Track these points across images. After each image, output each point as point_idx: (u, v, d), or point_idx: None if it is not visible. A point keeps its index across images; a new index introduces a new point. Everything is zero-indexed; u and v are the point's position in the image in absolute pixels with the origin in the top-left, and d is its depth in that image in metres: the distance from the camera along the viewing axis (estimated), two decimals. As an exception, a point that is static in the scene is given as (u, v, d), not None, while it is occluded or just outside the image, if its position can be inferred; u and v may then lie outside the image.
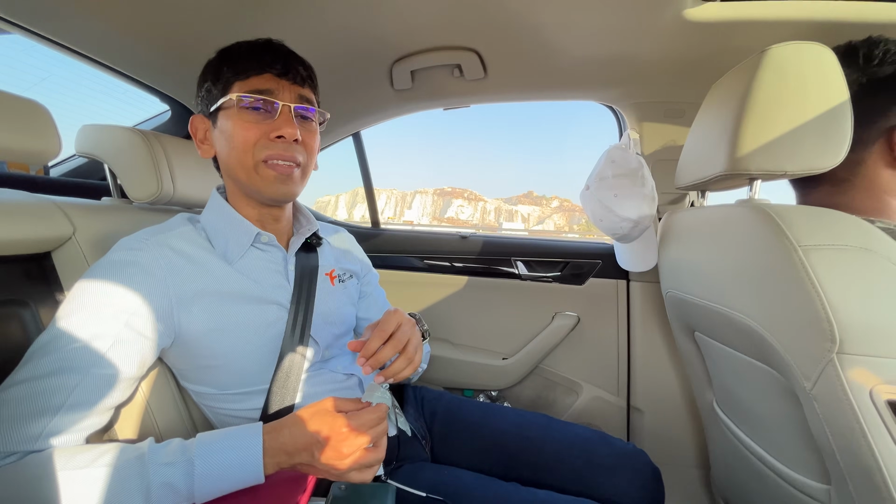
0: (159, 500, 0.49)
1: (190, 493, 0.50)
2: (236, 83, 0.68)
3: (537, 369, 1.47)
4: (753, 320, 0.65)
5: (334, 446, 0.53)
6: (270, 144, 0.68)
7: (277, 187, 0.71)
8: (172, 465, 0.50)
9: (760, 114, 0.66)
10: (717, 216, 0.77)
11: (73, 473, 0.47)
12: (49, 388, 0.51)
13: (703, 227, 0.82)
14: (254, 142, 0.68)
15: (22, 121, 0.65)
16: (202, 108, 0.73)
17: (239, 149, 0.68)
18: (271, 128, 0.68)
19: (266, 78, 0.69)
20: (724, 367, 0.86)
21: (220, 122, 0.70)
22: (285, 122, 0.68)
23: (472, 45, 1.04)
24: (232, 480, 0.52)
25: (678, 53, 0.99)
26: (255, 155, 0.68)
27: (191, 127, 0.75)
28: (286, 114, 0.69)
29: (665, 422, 1.33)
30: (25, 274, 0.70)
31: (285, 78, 0.70)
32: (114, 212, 0.81)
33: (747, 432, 0.85)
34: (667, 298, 1.04)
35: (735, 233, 0.70)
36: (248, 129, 0.67)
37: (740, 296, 0.68)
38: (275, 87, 0.69)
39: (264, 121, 0.68)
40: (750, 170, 0.67)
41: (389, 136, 29.38)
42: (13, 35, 0.87)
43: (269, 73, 0.69)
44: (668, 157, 1.24)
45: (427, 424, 0.96)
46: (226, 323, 0.68)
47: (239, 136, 0.68)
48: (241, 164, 0.69)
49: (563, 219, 52.23)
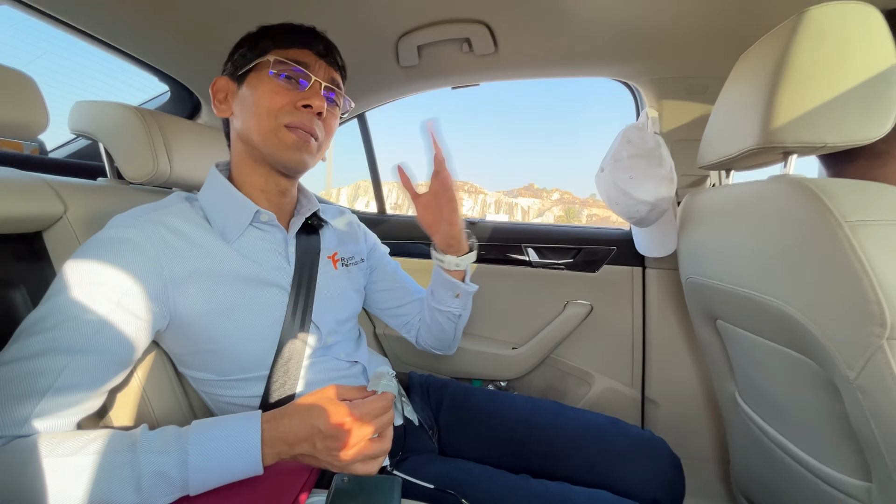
0: (151, 491, 0.46)
1: (184, 483, 0.47)
2: (275, 50, 0.69)
3: (548, 359, 1.43)
4: (789, 305, 0.60)
5: (337, 436, 0.50)
6: (295, 112, 0.68)
7: (293, 153, 0.69)
8: (166, 454, 0.47)
9: (798, 81, 0.60)
10: (746, 194, 0.72)
11: (59, 461, 0.44)
12: (36, 369, 0.48)
13: (731, 207, 0.77)
14: (279, 107, 0.67)
15: (5, 91, 0.61)
16: (229, 70, 0.72)
17: (262, 113, 0.68)
18: (299, 97, 0.68)
19: (306, 53, 0.70)
20: (750, 356, 0.81)
21: (248, 82, 0.70)
22: (315, 95, 0.69)
23: (481, 18, 0.98)
24: (228, 471, 0.49)
25: (704, 22, 0.93)
26: (278, 119, 0.68)
27: (212, 87, 0.73)
28: (316, 88, 0.70)
29: (681, 414, 1.28)
30: (15, 254, 0.68)
31: (324, 59, 0.72)
32: (108, 191, 0.78)
33: (774, 425, 0.80)
34: (686, 285, 0.99)
35: (769, 211, 0.65)
36: (276, 95, 0.68)
37: (773, 279, 0.63)
38: (312, 63, 0.70)
39: (293, 90, 0.69)
40: (786, 142, 0.61)
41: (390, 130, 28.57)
42: (2, 7, 0.83)
43: (311, 50, 0.71)
44: (688, 136, 1.18)
45: (433, 414, 0.93)
46: (223, 305, 0.65)
47: (265, 100, 0.67)
48: (260, 126, 0.68)
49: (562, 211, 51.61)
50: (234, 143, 0.74)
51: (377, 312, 1.00)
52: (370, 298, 0.97)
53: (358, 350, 0.84)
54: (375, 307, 0.99)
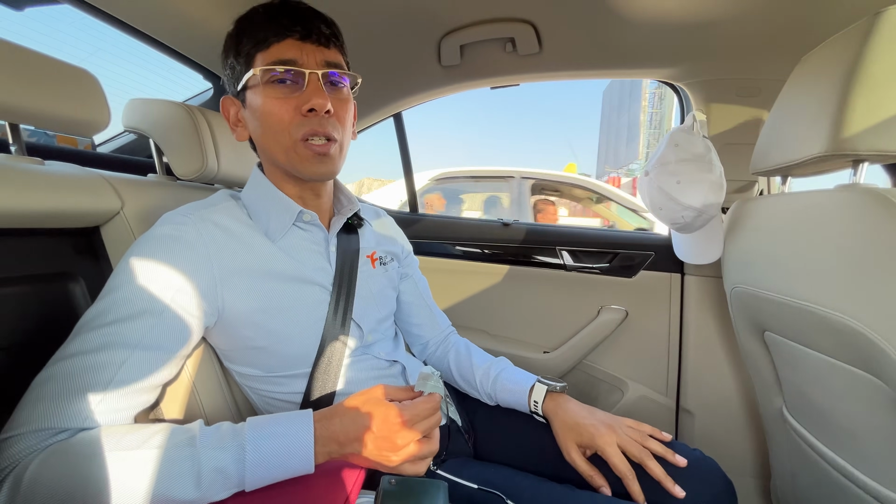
0: (210, 485, 0.47)
1: (241, 479, 0.48)
2: (258, 55, 0.63)
3: (580, 365, 1.40)
4: (858, 321, 0.57)
5: (388, 437, 0.50)
6: (304, 121, 0.63)
7: (316, 167, 0.67)
8: (224, 450, 0.48)
9: (873, 87, 0.57)
10: (810, 203, 0.69)
11: (124, 454, 0.45)
12: (97, 363, 0.49)
13: (790, 216, 0.74)
14: (288, 120, 0.63)
15: (71, 89, 0.63)
16: (230, 87, 0.68)
17: (274, 128, 0.64)
18: (301, 100, 0.63)
19: (288, 44, 0.63)
20: (804, 371, 0.78)
21: (249, 101, 0.66)
22: (315, 93, 0.63)
23: (527, 17, 0.97)
24: (282, 468, 0.50)
25: (761, 22, 0.89)
26: (293, 134, 0.64)
27: (223, 110, 0.71)
28: (314, 83, 0.63)
29: (718, 426, 1.24)
30: (74, 247, 0.70)
31: (308, 41, 0.64)
32: (159, 188, 0.80)
33: (827, 443, 0.77)
34: (732, 295, 0.96)
35: (837, 221, 0.62)
36: (279, 105, 0.63)
37: (839, 292, 0.60)
38: (298, 56, 0.63)
39: (293, 94, 0.63)
40: (858, 150, 0.58)
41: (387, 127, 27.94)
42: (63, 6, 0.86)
43: (290, 37, 0.63)
44: (737, 140, 1.14)
45: (469, 418, 0.92)
46: (269, 303, 0.65)
47: (271, 114, 0.63)
48: (279, 144, 0.65)
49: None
50: (263, 160, 0.74)
51: (395, 320, 1.00)
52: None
53: (397, 350, 0.84)
54: (395, 315, 0.99)
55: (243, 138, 0.71)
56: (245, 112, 0.68)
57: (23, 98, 0.58)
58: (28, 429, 0.46)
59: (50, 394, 0.48)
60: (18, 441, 0.46)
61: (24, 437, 0.46)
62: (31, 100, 0.59)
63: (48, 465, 0.44)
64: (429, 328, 0.98)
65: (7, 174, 0.56)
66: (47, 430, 0.46)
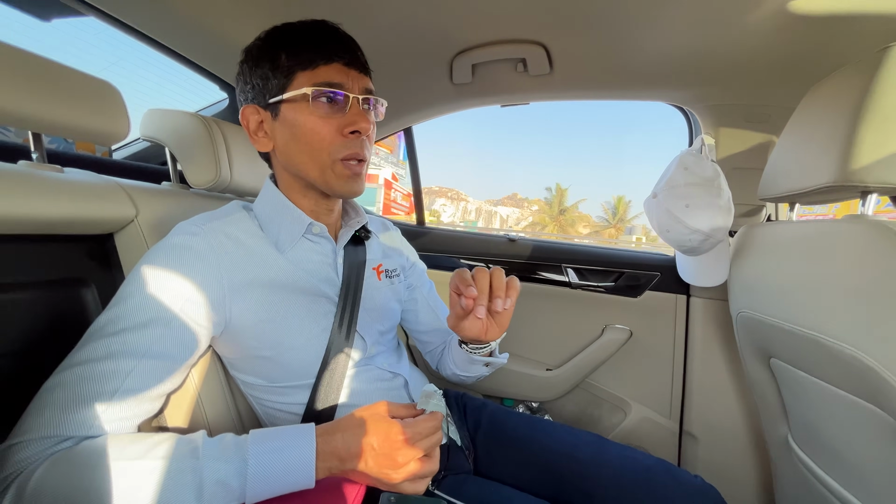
0: (212, 498, 0.47)
1: (242, 492, 0.48)
2: (301, 74, 0.64)
3: (583, 383, 1.39)
4: (864, 353, 0.57)
5: (389, 454, 0.50)
6: (346, 143, 0.65)
7: (351, 186, 0.69)
8: (226, 462, 0.48)
9: (882, 120, 0.58)
10: (817, 231, 0.69)
11: (127, 464, 0.46)
12: (104, 372, 0.50)
13: (797, 244, 0.74)
14: (330, 140, 0.65)
15: (94, 100, 0.65)
16: (255, 97, 0.68)
17: (314, 146, 0.65)
18: (344, 122, 0.65)
19: (335, 69, 0.65)
20: (809, 400, 0.77)
21: (284, 115, 0.66)
22: (359, 117, 0.65)
23: (539, 39, 0.98)
24: (283, 483, 0.50)
25: (772, 51, 0.90)
26: (333, 154, 0.65)
27: (242, 119, 0.71)
28: (356, 106, 0.66)
29: (722, 451, 1.23)
30: (88, 253, 0.71)
31: (352, 67, 0.66)
32: (173, 196, 0.81)
33: (833, 475, 0.76)
34: (738, 319, 0.95)
35: (844, 252, 0.61)
36: (322, 125, 0.64)
37: (846, 324, 0.60)
38: (345, 80, 0.65)
39: (335, 114, 0.65)
40: (867, 182, 0.59)
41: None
42: (88, 18, 0.89)
43: (337, 62, 0.65)
44: (746, 164, 1.15)
45: (470, 434, 0.91)
46: (276, 313, 0.66)
47: (313, 133, 0.65)
48: (316, 161, 0.66)
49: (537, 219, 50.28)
50: (280, 172, 0.74)
51: (405, 329, 1.01)
52: (401, 315, 0.97)
53: (399, 362, 0.85)
54: (403, 324, 0.99)
55: (266, 148, 0.71)
56: (275, 124, 0.68)
57: (47, 109, 0.60)
58: (34, 436, 0.46)
59: (56, 401, 0.48)
60: (24, 448, 0.46)
61: (30, 444, 0.46)
62: (55, 111, 0.60)
63: (52, 473, 0.44)
64: (436, 335, 0.98)
65: (29, 181, 0.57)
66: (53, 438, 0.47)
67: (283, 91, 0.65)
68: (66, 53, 40.20)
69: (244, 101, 0.70)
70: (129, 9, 0.88)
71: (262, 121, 0.69)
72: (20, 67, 0.57)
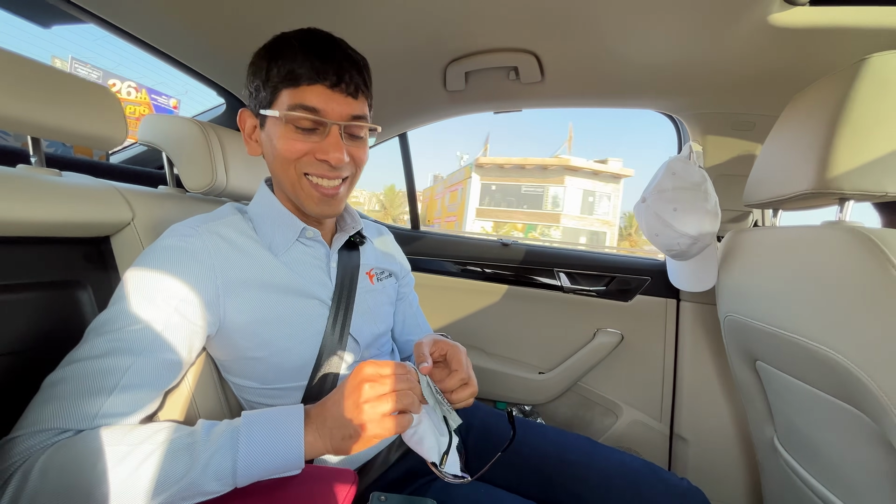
0: (203, 452, 0.49)
1: (234, 447, 0.50)
2: (285, 91, 0.64)
3: (575, 387, 1.41)
4: (841, 355, 0.58)
5: (381, 381, 0.53)
6: (315, 163, 0.66)
7: (320, 207, 0.69)
8: (220, 425, 0.52)
9: (858, 129, 0.60)
10: (798, 237, 0.71)
11: (127, 448, 0.48)
12: (104, 368, 0.52)
13: (780, 249, 0.76)
14: (297, 157, 0.65)
15: (92, 105, 0.66)
16: (251, 104, 0.69)
17: (282, 160, 0.66)
18: (318, 148, 0.65)
19: (317, 91, 0.63)
20: (793, 401, 0.79)
21: (267, 127, 0.67)
22: (332, 146, 0.64)
23: (531, 48, 1.00)
24: (273, 439, 0.52)
25: (756, 62, 0.93)
26: (298, 168, 0.66)
27: (239, 120, 0.72)
28: (335, 135, 0.65)
29: (712, 454, 1.24)
30: (84, 256, 0.72)
31: (337, 89, 0.64)
32: (169, 200, 0.82)
33: (816, 476, 0.77)
34: (725, 323, 0.97)
35: (823, 257, 0.63)
36: (293, 144, 0.65)
37: (824, 327, 0.62)
38: (324, 106, 0.63)
39: (310, 137, 0.65)
40: (843, 189, 0.61)
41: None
42: (88, 25, 0.90)
43: (321, 84, 0.63)
44: (732, 171, 1.17)
45: (462, 437, 0.92)
46: (269, 314, 0.67)
47: (283, 148, 0.65)
48: (286, 175, 0.68)
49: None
50: (273, 178, 0.75)
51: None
52: None
53: None
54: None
55: (256, 153, 0.72)
56: (262, 134, 0.69)
57: (46, 114, 0.61)
58: (36, 428, 0.48)
59: (58, 395, 0.50)
60: (27, 439, 0.48)
61: (33, 436, 0.48)
62: (54, 116, 0.62)
63: (55, 459, 0.46)
64: (410, 345, 0.99)
65: (28, 185, 0.58)
66: (53, 430, 0.48)
67: (268, 105, 0.65)
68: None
69: (245, 103, 0.72)
70: (129, 16, 0.90)
71: (255, 126, 0.71)
72: (20, 73, 0.59)
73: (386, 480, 0.74)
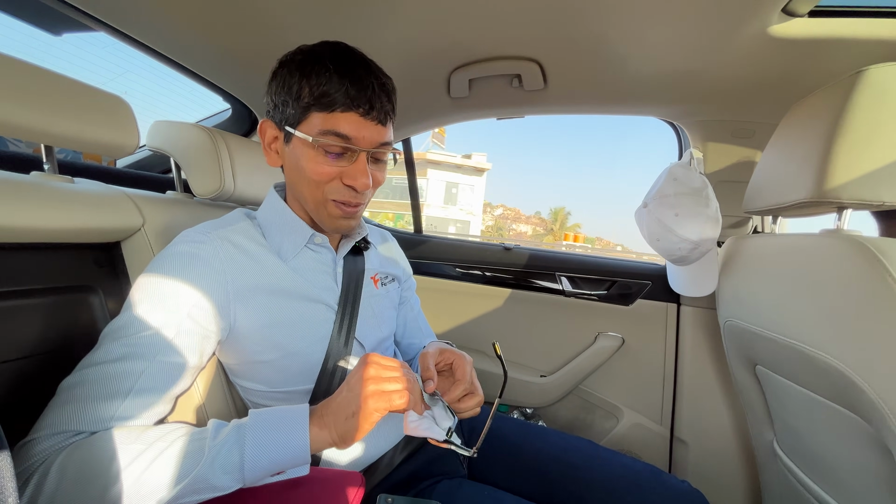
0: (211, 448, 0.51)
1: (241, 441, 0.51)
2: (316, 114, 0.63)
3: (576, 390, 1.42)
4: (839, 361, 0.60)
5: (388, 367, 0.58)
6: (342, 189, 0.67)
7: (340, 224, 0.71)
8: (227, 426, 0.54)
9: (856, 139, 0.61)
10: (797, 245, 0.72)
11: (142, 446, 0.49)
12: (118, 372, 0.53)
13: (779, 256, 0.77)
14: (326, 182, 0.66)
15: (105, 114, 0.68)
16: (275, 116, 0.68)
17: (310, 182, 0.66)
18: (345, 173, 0.65)
19: (350, 118, 0.63)
20: (792, 406, 0.80)
21: (294, 145, 0.67)
22: (360, 173, 0.65)
23: (534, 56, 1.02)
24: (279, 430, 0.53)
25: (755, 71, 0.94)
26: (326, 193, 0.67)
27: (260, 130, 0.72)
28: (362, 161, 0.65)
29: (712, 457, 1.25)
30: (95, 261, 0.73)
31: (369, 117, 0.64)
32: (178, 205, 0.83)
33: (815, 480, 0.78)
34: (725, 328, 0.98)
35: (822, 265, 0.65)
36: (322, 167, 0.65)
37: (823, 333, 0.63)
38: (356, 134, 0.63)
39: (338, 162, 0.65)
40: (841, 198, 0.62)
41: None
42: (98, 33, 0.92)
43: (355, 112, 0.63)
44: (732, 178, 1.19)
45: (464, 439, 0.93)
46: (278, 318, 0.68)
47: (312, 171, 0.65)
48: (311, 196, 0.68)
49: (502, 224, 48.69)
50: (288, 188, 0.76)
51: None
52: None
53: None
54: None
55: (276, 164, 0.72)
56: (286, 147, 0.69)
57: (60, 123, 0.62)
58: (53, 430, 0.50)
59: (74, 399, 0.51)
60: (44, 441, 0.49)
61: (50, 438, 0.49)
62: (68, 125, 0.63)
63: (73, 459, 0.48)
64: (412, 349, 1.00)
65: (41, 192, 0.60)
66: (70, 432, 0.50)
67: (296, 124, 0.65)
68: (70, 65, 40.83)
69: (266, 112, 0.71)
70: (138, 24, 0.91)
71: (276, 137, 0.70)
72: (34, 83, 0.60)
73: (391, 482, 0.75)
